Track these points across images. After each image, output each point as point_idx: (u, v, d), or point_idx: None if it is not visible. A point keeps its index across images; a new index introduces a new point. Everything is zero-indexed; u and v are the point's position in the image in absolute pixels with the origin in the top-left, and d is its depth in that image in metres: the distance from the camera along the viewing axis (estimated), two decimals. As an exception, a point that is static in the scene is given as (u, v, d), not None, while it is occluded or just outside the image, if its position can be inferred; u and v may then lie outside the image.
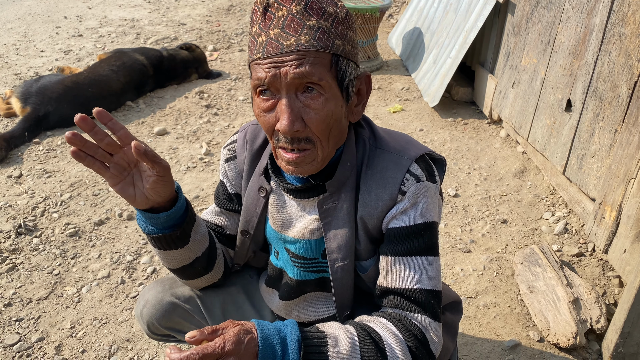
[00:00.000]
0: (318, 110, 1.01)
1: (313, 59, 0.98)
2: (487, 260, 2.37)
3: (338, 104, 1.04)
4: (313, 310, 1.35)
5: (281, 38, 0.97)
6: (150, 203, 1.08)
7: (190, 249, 1.21)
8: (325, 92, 1.01)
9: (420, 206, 1.12)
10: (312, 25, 0.98)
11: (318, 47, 0.98)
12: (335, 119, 1.04)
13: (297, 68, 0.97)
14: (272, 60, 0.98)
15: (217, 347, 0.89)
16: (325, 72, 1.00)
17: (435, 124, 3.67)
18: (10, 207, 2.77)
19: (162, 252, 1.19)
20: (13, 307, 2.14)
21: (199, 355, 0.87)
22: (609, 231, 2.16)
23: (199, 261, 1.25)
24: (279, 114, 1.01)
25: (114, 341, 1.98)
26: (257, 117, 1.06)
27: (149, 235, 1.15)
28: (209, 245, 1.27)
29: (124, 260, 2.40)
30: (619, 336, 1.77)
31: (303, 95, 1.00)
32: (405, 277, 1.11)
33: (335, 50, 1.01)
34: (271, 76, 0.98)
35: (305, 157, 1.05)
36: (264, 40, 0.99)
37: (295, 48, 0.97)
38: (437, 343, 1.09)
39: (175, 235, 1.15)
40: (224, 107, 4.05)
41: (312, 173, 1.09)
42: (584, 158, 2.46)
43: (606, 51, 2.28)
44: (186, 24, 6.15)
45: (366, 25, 4.49)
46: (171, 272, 1.30)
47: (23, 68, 4.80)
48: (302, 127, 1.01)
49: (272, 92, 1.01)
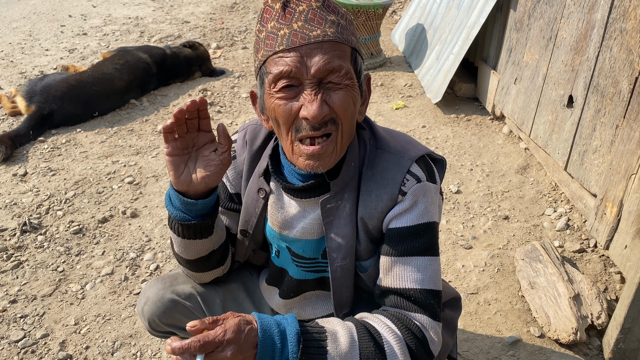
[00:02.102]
0: (341, 97, 1.03)
1: (339, 52, 1.01)
2: (488, 257, 2.37)
3: (356, 95, 1.07)
4: (313, 308, 1.37)
5: (306, 29, 0.99)
6: (189, 187, 1.09)
7: (212, 240, 1.22)
8: (349, 82, 1.04)
9: (421, 206, 1.12)
10: (333, 20, 1.01)
11: (342, 39, 1.02)
12: (355, 109, 1.07)
13: (327, 60, 0.99)
14: (298, 52, 0.99)
15: (217, 336, 0.90)
16: (348, 64, 1.03)
17: (437, 121, 3.67)
18: (15, 205, 2.80)
19: (185, 241, 1.20)
20: (18, 304, 2.16)
21: (200, 343, 0.88)
22: (610, 227, 2.16)
23: (215, 254, 1.27)
24: (304, 101, 1.01)
25: (118, 337, 2.00)
26: (275, 108, 1.04)
27: (179, 222, 1.15)
28: (225, 239, 1.29)
29: (128, 257, 2.43)
30: (619, 332, 1.77)
31: (327, 85, 1.02)
32: (406, 277, 1.12)
33: (354, 45, 1.05)
34: (298, 68, 0.99)
35: (327, 146, 1.05)
36: (287, 32, 1.00)
37: (323, 39, 0.99)
38: (436, 343, 1.10)
39: (205, 225, 1.17)
40: (227, 104, 4.06)
41: (330, 167, 1.09)
42: (585, 154, 2.45)
43: (607, 47, 2.27)
44: (190, 21, 6.17)
45: (369, 22, 4.48)
46: (182, 265, 1.31)
47: (28, 67, 4.83)
48: (328, 111, 1.02)
49: (294, 85, 1.02)
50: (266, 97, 1.06)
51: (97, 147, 3.43)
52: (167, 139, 1.05)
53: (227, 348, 0.91)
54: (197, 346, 0.88)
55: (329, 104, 1.02)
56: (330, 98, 1.02)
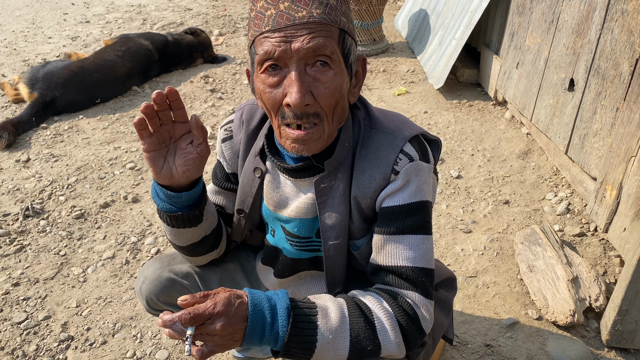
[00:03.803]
0: (327, 83, 1.01)
1: (325, 32, 0.99)
2: (487, 241, 2.38)
3: (344, 79, 1.05)
4: (307, 288, 1.37)
5: (292, 10, 0.97)
6: (172, 180, 1.10)
7: (202, 227, 1.23)
8: (334, 66, 1.01)
9: (413, 185, 1.12)
10: (321, 0, 0.99)
11: (329, 20, 0.99)
12: (341, 94, 1.05)
13: (311, 40, 0.97)
14: (283, 33, 0.97)
15: (207, 308, 0.91)
16: (335, 46, 1.01)
17: (440, 106, 3.66)
18: (18, 191, 2.82)
19: (175, 230, 1.21)
20: (21, 287, 2.19)
21: (190, 315, 0.89)
22: (610, 210, 2.16)
23: (207, 239, 1.28)
24: (287, 88, 1.00)
25: (118, 319, 2.03)
26: (261, 94, 1.05)
27: (167, 214, 1.16)
28: (217, 224, 1.29)
29: (129, 241, 2.45)
30: (616, 314, 1.77)
31: (312, 69, 1.00)
32: (397, 255, 1.12)
33: (342, 26, 1.02)
34: (282, 49, 0.97)
35: (313, 134, 1.05)
36: (273, 13, 0.98)
37: (308, 20, 0.97)
38: (428, 320, 1.10)
39: (192, 215, 1.17)
40: (228, 91, 4.06)
41: (317, 151, 1.09)
42: (586, 137, 2.44)
43: (609, 29, 2.25)
44: (192, 9, 6.15)
45: (372, 7, 4.46)
46: (177, 250, 1.32)
47: (31, 54, 4.84)
48: (311, 101, 1.01)
49: (279, 66, 1.00)
50: (255, 78, 1.06)
51: (99, 133, 3.45)
52: (142, 135, 1.04)
53: (217, 320, 0.92)
54: (187, 318, 0.89)
55: (314, 93, 1.01)
56: (316, 87, 1.01)
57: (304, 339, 0.99)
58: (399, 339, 1.05)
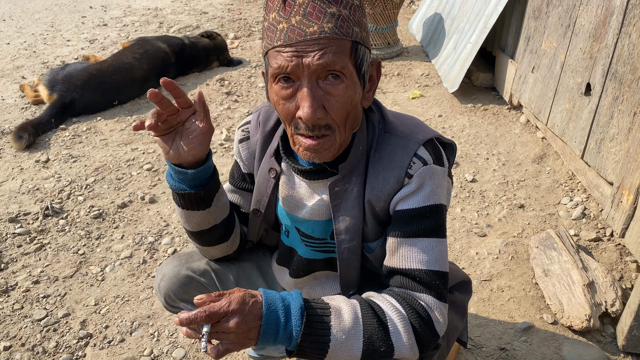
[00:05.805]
0: (339, 97, 1.02)
1: (336, 47, 0.99)
2: (502, 244, 2.37)
3: (357, 90, 1.06)
4: (322, 288, 1.39)
5: (303, 25, 0.98)
6: (180, 159, 1.13)
7: (211, 214, 1.25)
8: (346, 79, 1.02)
9: (427, 189, 1.13)
10: (333, 12, 0.99)
11: (340, 34, 0.99)
12: (353, 105, 1.06)
13: (322, 57, 0.98)
14: (294, 48, 0.98)
15: (222, 306, 0.94)
16: (346, 60, 1.01)
17: (454, 110, 3.66)
18: (38, 190, 2.87)
19: (184, 211, 1.24)
20: (41, 285, 2.23)
21: (206, 314, 0.92)
22: (626, 215, 2.15)
23: (217, 228, 1.29)
24: (299, 101, 1.02)
25: (136, 317, 2.06)
26: (276, 105, 1.07)
27: (175, 192, 1.20)
28: (228, 215, 1.31)
29: (146, 241, 2.48)
30: (633, 319, 1.76)
31: (324, 83, 1.02)
32: (411, 258, 1.13)
33: (355, 37, 1.02)
34: (294, 65, 0.99)
35: (324, 143, 1.06)
36: (285, 27, 0.99)
37: (319, 35, 0.98)
38: (441, 323, 1.11)
39: (199, 195, 1.20)
40: (244, 94, 4.09)
41: (329, 159, 1.11)
42: (602, 142, 2.43)
43: (626, 33, 2.24)
44: (208, 12, 6.21)
45: (386, 11, 4.47)
46: (189, 237, 1.35)
47: (50, 57, 4.93)
48: (323, 115, 1.02)
49: (292, 79, 1.02)
50: (269, 88, 1.08)
51: (117, 134, 3.50)
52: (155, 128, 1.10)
53: (232, 318, 0.94)
54: (203, 316, 0.92)
55: (326, 106, 1.03)
56: (328, 100, 1.02)
57: (317, 339, 1.01)
58: (411, 341, 1.06)
